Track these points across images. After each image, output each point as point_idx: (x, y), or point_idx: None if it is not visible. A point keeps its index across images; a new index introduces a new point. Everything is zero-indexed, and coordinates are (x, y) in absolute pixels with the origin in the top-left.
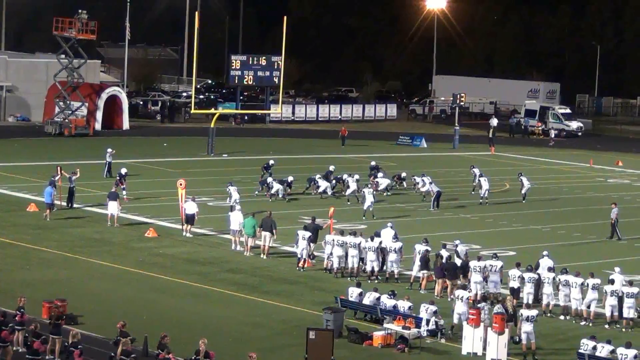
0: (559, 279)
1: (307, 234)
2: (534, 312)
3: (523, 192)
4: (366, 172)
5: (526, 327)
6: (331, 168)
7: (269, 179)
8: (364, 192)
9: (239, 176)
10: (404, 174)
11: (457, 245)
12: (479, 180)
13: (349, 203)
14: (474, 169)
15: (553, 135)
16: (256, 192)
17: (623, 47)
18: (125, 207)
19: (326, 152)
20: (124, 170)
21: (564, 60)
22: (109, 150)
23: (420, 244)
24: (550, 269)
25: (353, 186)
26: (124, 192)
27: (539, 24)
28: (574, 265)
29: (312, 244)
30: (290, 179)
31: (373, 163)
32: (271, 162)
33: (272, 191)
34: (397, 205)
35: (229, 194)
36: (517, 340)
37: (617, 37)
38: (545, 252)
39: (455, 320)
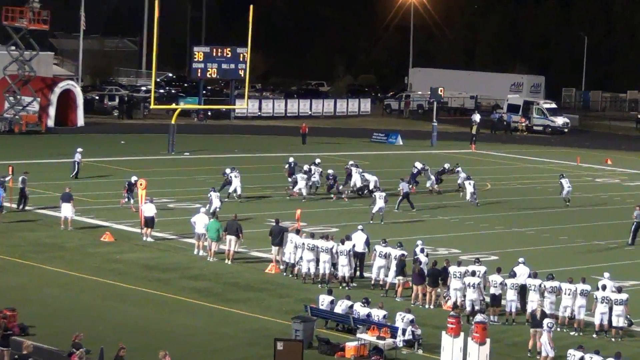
0: (545, 286)
1: (297, 238)
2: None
3: (563, 195)
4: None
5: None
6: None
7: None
8: (374, 195)
9: (202, 176)
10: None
11: (417, 246)
12: (464, 183)
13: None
14: (457, 169)
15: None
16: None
17: (612, 39)
18: (80, 209)
19: (285, 151)
20: (134, 178)
21: (549, 51)
22: (79, 149)
23: (389, 246)
24: (533, 275)
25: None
26: (131, 201)
27: (522, 14)
28: (560, 271)
29: (278, 247)
30: (330, 171)
31: (419, 165)
32: (291, 159)
33: (296, 188)
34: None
35: (209, 201)
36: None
37: (606, 28)
38: (521, 259)
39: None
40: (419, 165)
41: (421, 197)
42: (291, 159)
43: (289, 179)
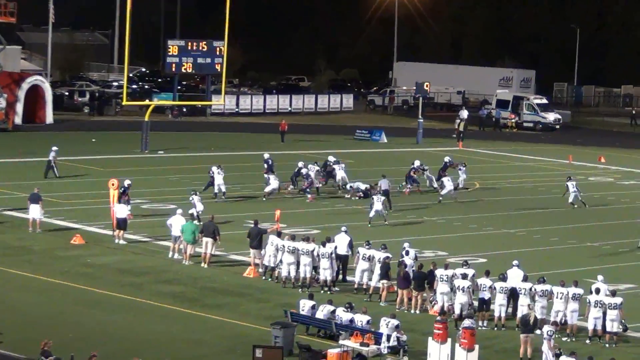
0: (535, 289)
1: (278, 240)
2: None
3: (570, 200)
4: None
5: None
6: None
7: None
8: (372, 198)
9: (177, 176)
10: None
11: (403, 249)
12: (442, 181)
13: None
14: (461, 168)
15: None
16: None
17: (605, 31)
18: (49, 210)
19: (264, 149)
20: (127, 182)
21: (540, 45)
22: (54, 148)
23: (372, 248)
24: (524, 279)
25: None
26: (128, 208)
27: (512, 5)
28: (552, 274)
29: (256, 250)
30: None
31: (416, 163)
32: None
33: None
34: (354, 208)
35: (192, 204)
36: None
37: (599, 20)
38: (515, 262)
39: (457, 311)
40: (416, 163)
41: (408, 197)
42: (266, 155)
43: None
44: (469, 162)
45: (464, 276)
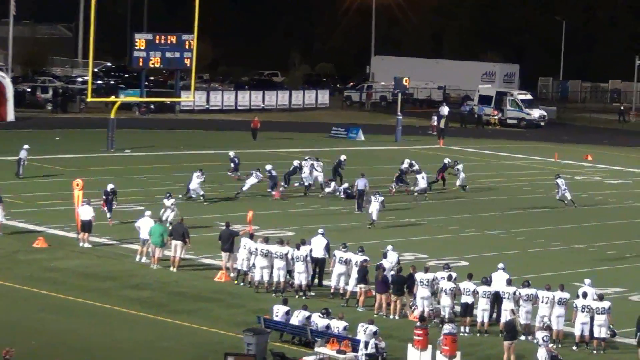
0: (520, 293)
1: (250, 243)
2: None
3: (558, 197)
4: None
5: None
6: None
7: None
8: (370, 198)
9: (145, 176)
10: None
11: (386, 251)
12: (416, 177)
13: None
14: (458, 167)
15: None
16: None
17: (592, 24)
18: (10, 212)
19: (235, 148)
20: (110, 187)
21: (524, 38)
22: (25, 147)
23: (349, 251)
24: (507, 282)
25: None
26: (109, 215)
27: None
28: (537, 277)
29: (228, 253)
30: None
31: (406, 162)
32: (231, 153)
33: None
34: (331, 209)
35: (165, 208)
36: None
37: (585, 12)
38: (500, 265)
39: (443, 313)
40: (406, 162)
41: (390, 197)
42: (232, 154)
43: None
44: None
45: (450, 277)
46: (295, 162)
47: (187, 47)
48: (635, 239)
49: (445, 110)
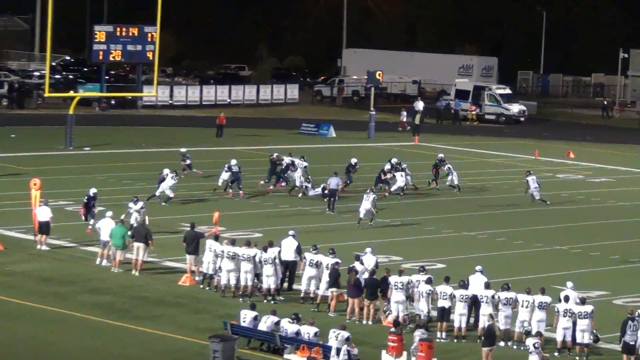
0: (499, 297)
1: (216, 245)
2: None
3: (529, 192)
4: (260, 168)
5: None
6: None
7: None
8: (363, 196)
9: (105, 174)
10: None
11: (365, 254)
12: (394, 175)
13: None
14: (447, 166)
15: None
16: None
17: (574, 15)
18: None
19: (200, 145)
20: (92, 191)
21: (503, 30)
22: None
23: (320, 253)
24: (486, 286)
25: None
26: (91, 222)
27: None
28: (517, 280)
29: (193, 256)
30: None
31: (393, 161)
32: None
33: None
34: (300, 209)
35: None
36: None
37: (566, 3)
38: (478, 268)
39: (457, 323)
40: (393, 161)
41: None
42: (183, 150)
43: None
44: (426, 158)
45: (429, 280)
46: (287, 159)
47: (149, 39)
48: (619, 239)
49: (420, 105)
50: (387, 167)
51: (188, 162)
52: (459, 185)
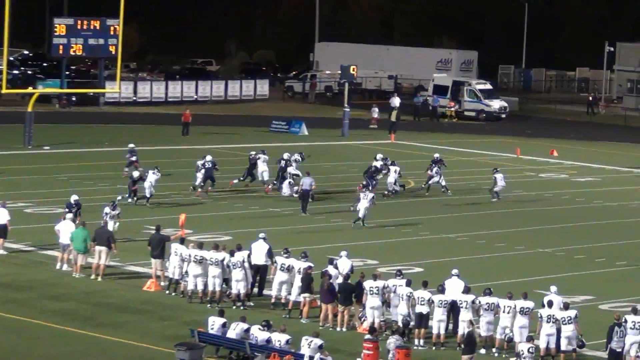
0: (480, 302)
1: (183, 249)
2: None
3: (496, 189)
4: (229, 167)
5: None
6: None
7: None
8: (359, 195)
9: (66, 175)
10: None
11: (340, 258)
12: (389, 169)
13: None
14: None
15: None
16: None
17: (558, 6)
18: None
19: (165, 144)
20: (74, 198)
21: (483, 22)
22: None
23: (292, 257)
24: (466, 290)
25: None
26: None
27: None
28: (497, 285)
29: (159, 260)
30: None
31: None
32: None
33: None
34: (271, 211)
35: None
36: None
37: None
38: (454, 271)
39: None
40: (379, 156)
41: (336, 199)
42: (131, 145)
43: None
44: (403, 156)
45: (408, 283)
46: (285, 155)
47: (112, 32)
48: (605, 242)
49: (396, 101)
50: (379, 163)
51: (134, 158)
52: (447, 186)
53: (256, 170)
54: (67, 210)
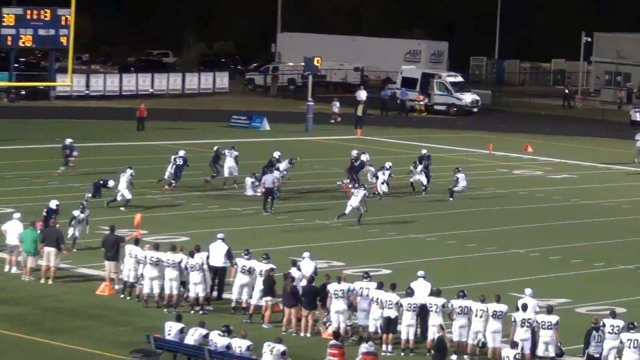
0: (453, 305)
1: (138, 250)
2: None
3: (456, 189)
4: (200, 163)
5: None
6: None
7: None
8: (353, 191)
9: (14, 173)
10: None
11: (303, 259)
12: (376, 173)
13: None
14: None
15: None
16: None
17: None
18: None
19: (118, 140)
20: (54, 203)
21: (454, 12)
22: None
23: (253, 258)
24: (436, 293)
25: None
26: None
27: None
28: (469, 287)
29: (113, 262)
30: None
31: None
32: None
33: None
34: (232, 210)
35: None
36: None
37: None
38: (420, 273)
39: (372, 329)
40: (363, 156)
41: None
42: (69, 140)
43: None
44: (369, 152)
45: (380, 285)
46: (276, 154)
47: (63, 23)
48: (582, 242)
49: (362, 95)
50: (366, 157)
51: (75, 153)
52: (426, 187)
53: (220, 164)
54: (46, 215)
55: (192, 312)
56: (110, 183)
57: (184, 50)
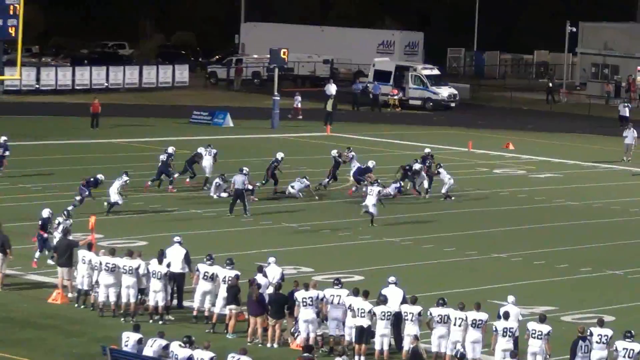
0: (431, 313)
1: (92, 256)
2: None
3: (443, 191)
4: (144, 164)
5: None
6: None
7: None
8: (365, 190)
9: None
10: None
11: (269, 265)
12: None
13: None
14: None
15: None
16: None
17: None
18: None
19: (71, 137)
20: (46, 212)
21: (430, 0)
22: None
23: (216, 264)
24: (412, 301)
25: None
26: (37, 255)
27: None
28: (448, 294)
29: (66, 269)
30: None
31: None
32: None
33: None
34: (193, 212)
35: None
36: None
37: None
38: (391, 279)
39: (348, 338)
40: (370, 162)
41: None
42: (4, 138)
43: None
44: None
45: (356, 291)
46: (279, 155)
47: (11, 12)
48: (567, 245)
49: (332, 89)
50: (372, 163)
51: (7, 153)
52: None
53: (200, 163)
54: (40, 225)
55: (151, 321)
56: (100, 177)
57: (141, 41)
